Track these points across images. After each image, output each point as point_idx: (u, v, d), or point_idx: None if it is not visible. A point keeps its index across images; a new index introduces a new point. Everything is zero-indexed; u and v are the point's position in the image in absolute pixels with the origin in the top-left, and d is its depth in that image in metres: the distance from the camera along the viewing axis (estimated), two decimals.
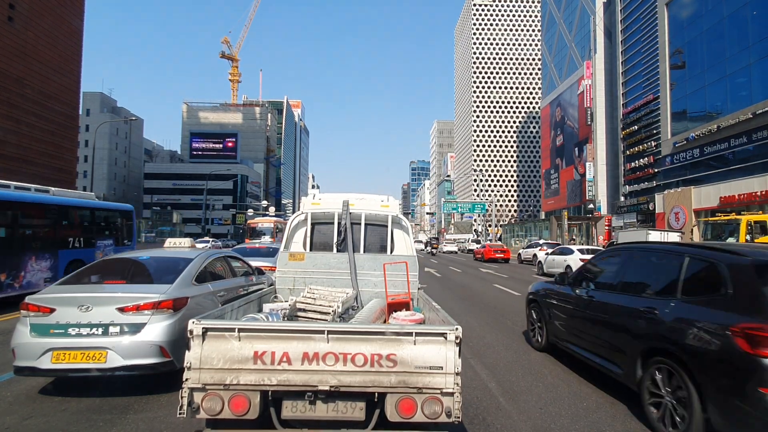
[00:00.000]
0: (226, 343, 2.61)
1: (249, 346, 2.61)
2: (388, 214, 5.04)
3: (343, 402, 2.64)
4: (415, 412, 2.58)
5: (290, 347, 2.62)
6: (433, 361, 2.61)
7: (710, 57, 34.65)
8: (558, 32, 71.05)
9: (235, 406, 2.57)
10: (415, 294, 4.64)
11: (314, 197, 5.12)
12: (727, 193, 31.26)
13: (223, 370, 2.58)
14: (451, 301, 10.83)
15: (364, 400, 2.65)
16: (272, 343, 2.62)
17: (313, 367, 2.60)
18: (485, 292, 12.83)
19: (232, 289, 5.85)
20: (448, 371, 2.60)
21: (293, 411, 2.63)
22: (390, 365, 2.61)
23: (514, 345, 6.42)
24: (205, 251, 5.90)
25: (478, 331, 7.32)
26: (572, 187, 63.29)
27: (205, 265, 5.37)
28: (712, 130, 33.06)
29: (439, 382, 2.59)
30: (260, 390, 2.60)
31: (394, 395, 2.60)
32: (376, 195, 5.18)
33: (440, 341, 2.64)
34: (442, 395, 2.59)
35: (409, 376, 2.60)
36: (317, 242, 5.05)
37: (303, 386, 2.59)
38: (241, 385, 2.58)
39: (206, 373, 2.58)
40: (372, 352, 2.62)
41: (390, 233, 5.03)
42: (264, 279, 7.60)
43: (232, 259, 6.64)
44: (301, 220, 5.10)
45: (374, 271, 4.77)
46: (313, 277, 4.80)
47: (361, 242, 4.94)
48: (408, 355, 2.62)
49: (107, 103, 76.65)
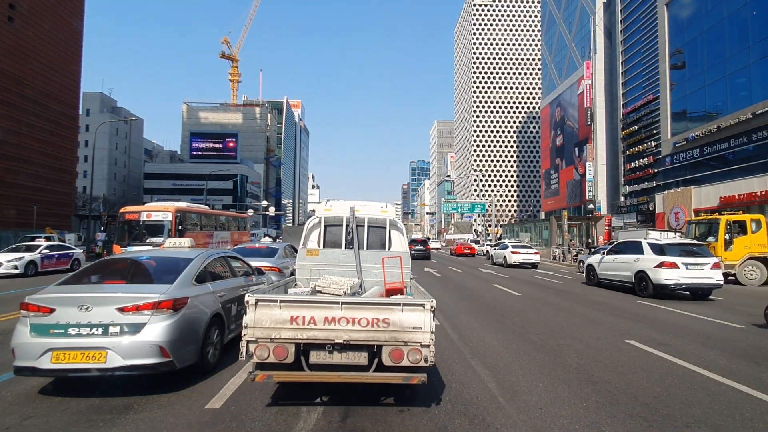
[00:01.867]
0: (271, 310, 3.67)
1: (287, 312, 3.67)
2: (386, 218, 6.04)
3: (352, 352, 3.70)
4: (403, 359, 3.64)
5: (315, 313, 3.68)
6: (415, 323, 3.64)
7: (710, 57, 34.63)
8: (558, 32, 71.05)
9: (278, 353, 3.64)
10: (408, 282, 5.57)
11: (326, 204, 6.16)
12: (727, 193, 31.23)
13: (269, 329, 3.64)
14: (451, 303, 10.82)
15: (366, 351, 3.71)
16: (303, 310, 3.68)
17: (331, 327, 3.65)
18: (485, 293, 12.83)
19: (232, 289, 5.85)
20: (425, 330, 3.63)
21: (317, 358, 3.72)
22: (385, 326, 3.65)
23: (514, 345, 6.42)
24: (205, 251, 5.92)
25: (478, 331, 7.32)
26: (572, 187, 63.27)
27: (205, 265, 5.39)
28: (712, 130, 33.04)
29: (420, 338, 3.63)
30: (295, 343, 3.67)
31: (388, 347, 3.65)
32: (377, 202, 6.25)
33: (420, 310, 3.67)
34: (421, 347, 3.62)
35: (399, 334, 3.64)
36: (329, 241, 6.00)
37: (324, 340, 3.66)
38: (282, 338, 3.64)
39: (258, 330, 3.64)
40: (372, 317, 3.66)
41: (388, 233, 6.00)
42: (264, 279, 7.59)
43: (232, 259, 6.64)
44: (315, 223, 6.06)
45: (375, 264, 5.69)
46: (326, 269, 5.67)
47: (364, 241, 5.91)
48: (398, 319, 3.65)
49: (107, 103, 76.66)
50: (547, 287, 14.66)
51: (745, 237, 16.38)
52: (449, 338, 6.73)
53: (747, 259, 16.00)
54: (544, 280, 17.33)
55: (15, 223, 39.79)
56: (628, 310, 9.78)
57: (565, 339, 6.85)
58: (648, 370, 5.24)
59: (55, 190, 46.60)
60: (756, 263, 15.87)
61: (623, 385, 4.63)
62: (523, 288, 14.07)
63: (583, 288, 14.52)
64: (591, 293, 13.03)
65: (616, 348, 6.32)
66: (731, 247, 16.33)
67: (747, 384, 4.72)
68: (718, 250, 16.18)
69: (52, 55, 46.28)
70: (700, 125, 34.84)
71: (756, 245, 16.29)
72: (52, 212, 44.77)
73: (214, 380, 4.61)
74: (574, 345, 6.45)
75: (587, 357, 5.78)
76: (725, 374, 5.06)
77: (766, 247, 16.25)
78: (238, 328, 6.07)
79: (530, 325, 7.97)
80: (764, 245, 16.29)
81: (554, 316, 8.93)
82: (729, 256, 16.16)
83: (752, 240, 16.35)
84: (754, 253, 15.93)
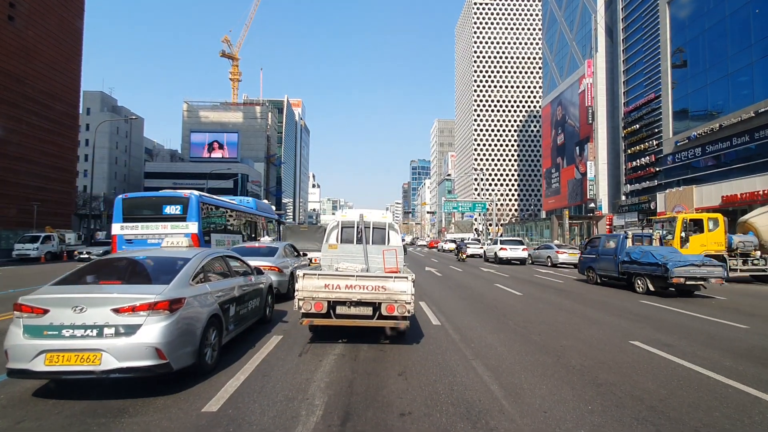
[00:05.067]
0: (313, 280, 5.82)
1: (323, 282, 5.83)
2: (386, 222, 8.17)
3: (363, 307, 5.85)
4: (394, 311, 5.71)
5: (340, 282, 5.83)
6: (402, 289, 5.75)
7: (712, 56, 34.50)
8: (559, 31, 70.85)
9: (317, 306, 5.78)
10: (401, 268, 7.42)
11: (342, 211, 8.44)
12: (728, 192, 31.11)
13: (312, 291, 5.79)
14: (452, 301, 10.74)
15: (371, 306, 5.85)
16: (333, 280, 5.85)
17: (350, 291, 5.78)
18: (486, 293, 12.73)
19: (230, 289, 5.77)
20: (407, 293, 5.72)
21: (341, 310, 5.86)
22: (383, 290, 5.77)
23: (516, 346, 6.34)
24: (203, 251, 5.85)
25: (479, 331, 7.24)
26: (573, 186, 63.13)
27: (202, 264, 5.31)
28: (714, 128, 32.91)
29: (405, 298, 5.71)
30: (327, 300, 5.81)
31: (385, 304, 5.75)
32: (379, 210, 8.52)
33: (405, 281, 5.79)
34: (406, 303, 5.70)
35: (392, 295, 5.74)
36: (344, 238, 8.00)
37: (345, 299, 5.80)
38: (320, 297, 5.79)
39: (305, 293, 5.78)
40: (375, 285, 5.79)
41: (387, 233, 8.09)
42: (263, 279, 7.52)
43: (231, 259, 6.55)
44: (334, 225, 8.18)
45: (378, 255, 7.68)
46: (343, 258, 7.67)
47: (370, 238, 7.92)
48: (391, 287, 5.77)
49: (107, 102, 76.53)
50: (548, 286, 14.57)
51: (701, 235, 16.57)
52: (450, 339, 6.65)
53: None
54: (545, 279, 17.24)
55: (15, 222, 39.72)
56: (630, 310, 9.70)
57: (568, 339, 6.76)
58: (653, 371, 5.16)
59: (55, 189, 46.54)
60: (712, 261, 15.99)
61: (628, 388, 4.55)
62: (524, 287, 13.98)
63: (584, 287, 14.44)
64: (591, 292, 12.93)
65: (620, 349, 6.23)
66: (687, 245, 16.43)
67: (754, 386, 4.64)
68: None
69: (53, 54, 46.17)
70: (702, 124, 34.71)
71: (713, 243, 16.34)
72: (53, 211, 44.70)
73: (211, 382, 4.53)
74: (577, 346, 6.37)
75: (591, 358, 5.69)
76: (732, 376, 4.98)
77: (723, 245, 16.34)
78: (238, 328, 6.00)
79: (532, 325, 7.89)
80: (721, 243, 16.38)
81: (556, 316, 8.85)
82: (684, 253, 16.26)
83: (709, 238, 16.48)
84: (710, 251, 15.92)
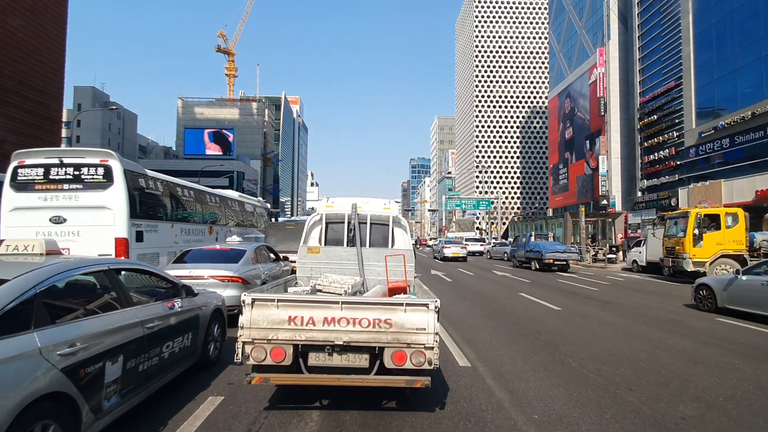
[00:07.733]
0: (268, 310, 3.63)
1: (284, 312, 3.62)
2: (389, 215, 5.84)
3: (353, 354, 3.64)
4: (406, 361, 3.54)
5: (314, 313, 3.62)
6: (418, 324, 3.56)
7: (742, 38, 31.82)
8: (567, 19, 68.15)
9: (275, 355, 3.58)
10: (412, 281, 5.53)
11: (328, 200, 6.00)
12: (764, 187, 28.46)
13: (266, 329, 3.60)
14: (475, 321, 8.06)
15: (368, 352, 3.64)
16: (301, 310, 3.63)
17: (331, 327, 3.59)
18: (516, 307, 10.02)
19: (102, 334, 3.21)
20: (429, 331, 3.54)
21: (316, 360, 3.67)
22: (387, 327, 3.57)
23: (591, 406, 3.66)
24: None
25: (533, 380, 4.56)
26: (583, 183, 60.50)
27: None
28: (745, 117, 30.20)
29: (423, 339, 3.54)
30: (293, 344, 3.61)
31: (390, 349, 3.57)
32: (380, 199, 6.01)
33: (424, 310, 3.58)
34: (425, 349, 3.52)
35: (401, 335, 3.56)
36: (330, 238, 5.79)
37: (323, 341, 3.59)
38: (279, 339, 3.60)
39: (254, 331, 3.59)
40: (374, 317, 3.59)
41: (391, 231, 5.81)
42: (202, 300, 4.95)
43: (132, 274, 3.95)
44: (316, 220, 5.87)
45: (378, 262, 5.54)
46: (328, 267, 5.52)
47: (366, 238, 5.72)
48: (400, 320, 3.57)
49: (99, 97, 73.95)
50: (583, 295, 11.92)
51: (717, 232, 14.56)
52: (492, 396, 4.02)
53: (719, 257, 14.07)
54: (571, 285, 14.61)
55: None
56: (705, 331, 7.01)
57: (664, 388, 4.11)
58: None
59: None
60: (730, 261, 13.77)
61: None
62: (558, 299, 11.25)
63: (627, 295, 11.81)
64: (644, 306, 10.25)
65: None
66: (701, 243, 14.40)
67: None
68: (686, 247, 14.36)
69: (33, 42, 43.64)
70: (730, 113, 32.01)
71: (730, 241, 14.26)
72: None
73: None
74: (686, 400, 3.70)
75: None
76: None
77: (743, 244, 14.14)
78: (131, 397, 3.69)
79: (601, 363, 5.20)
80: (741, 242, 14.19)
81: (624, 344, 6.17)
82: (697, 253, 14.30)
83: (726, 236, 14.38)
84: (728, 251, 13.98)
